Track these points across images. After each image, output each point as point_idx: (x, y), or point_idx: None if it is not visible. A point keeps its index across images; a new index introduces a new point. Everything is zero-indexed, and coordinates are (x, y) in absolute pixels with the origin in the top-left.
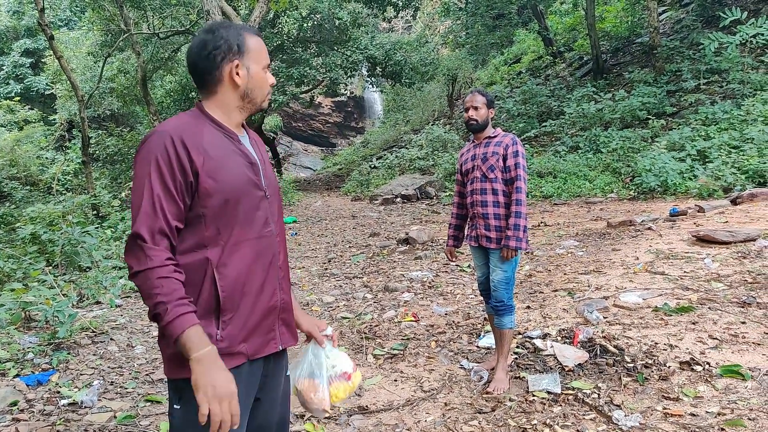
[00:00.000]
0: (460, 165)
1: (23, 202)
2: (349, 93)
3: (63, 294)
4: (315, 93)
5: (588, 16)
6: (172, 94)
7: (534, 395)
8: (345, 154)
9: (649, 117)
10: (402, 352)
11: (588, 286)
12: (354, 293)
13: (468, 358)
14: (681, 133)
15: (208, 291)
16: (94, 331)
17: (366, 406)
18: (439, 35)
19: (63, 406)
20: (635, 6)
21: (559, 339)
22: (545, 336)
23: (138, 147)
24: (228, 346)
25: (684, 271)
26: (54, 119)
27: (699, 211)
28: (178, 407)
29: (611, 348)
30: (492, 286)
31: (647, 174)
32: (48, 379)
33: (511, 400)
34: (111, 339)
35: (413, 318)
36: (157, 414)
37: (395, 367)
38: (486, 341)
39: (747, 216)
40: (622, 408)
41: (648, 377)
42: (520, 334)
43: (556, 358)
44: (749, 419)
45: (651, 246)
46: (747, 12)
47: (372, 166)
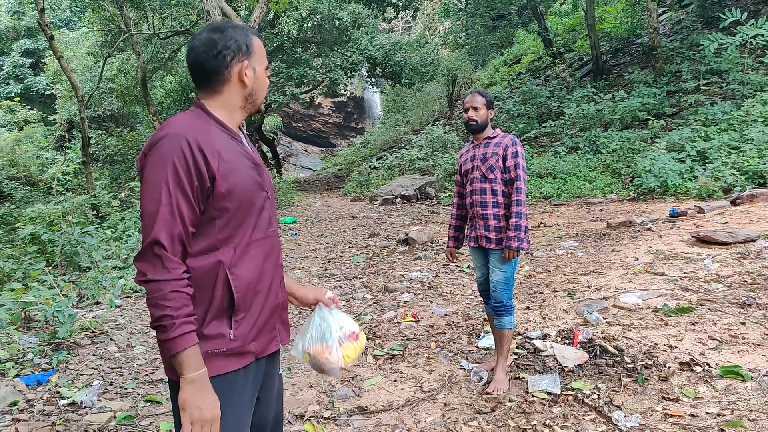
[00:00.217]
0: (459, 166)
1: (23, 202)
2: (349, 93)
3: (63, 294)
4: (315, 93)
5: (588, 16)
6: (172, 94)
7: (534, 396)
8: (345, 154)
9: (649, 118)
10: (402, 352)
11: (588, 286)
12: (354, 293)
13: (468, 358)
14: (681, 134)
15: (221, 292)
16: (93, 332)
17: (366, 406)
18: (439, 36)
19: (63, 406)
20: (635, 7)
21: (559, 340)
22: (545, 336)
23: (147, 149)
24: (240, 345)
25: (684, 272)
26: (54, 119)
27: (699, 212)
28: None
29: (611, 349)
30: (491, 286)
31: (647, 175)
32: (48, 379)
33: (511, 400)
34: (111, 339)
35: (413, 318)
36: (157, 414)
37: (395, 368)
38: (486, 342)
39: (747, 217)
40: (621, 409)
41: (648, 378)
42: (519, 334)
43: (555, 358)
44: (749, 420)
45: (651, 247)
46: (747, 13)
47: (372, 166)
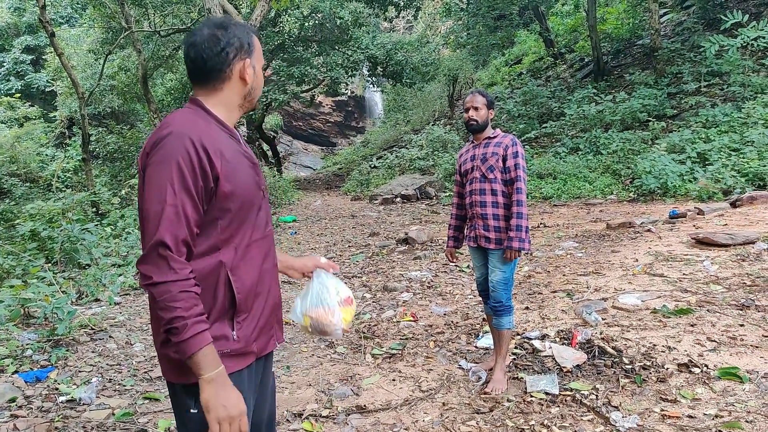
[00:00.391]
0: (459, 165)
1: (23, 198)
2: (350, 92)
3: (62, 291)
4: (316, 92)
5: (589, 17)
6: (172, 92)
7: (532, 396)
8: (345, 153)
9: (650, 119)
10: (400, 351)
11: (587, 287)
12: (353, 293)
13: (466, 358)
14: (681, 136)
15: (222, 293)
16: (92, 329)
17: (364, 405)
18: (440, 35)
19: (61, 402)
20: (636, 8)
21: (558, 340)
22: (544, 337)
23: (149, 148)
24: (243, 346)
25: (683, 274)
26: (54, 116)
27: (698, 214)
28: (195, 411)
29: (609, 349)
30: (491, 286)
31: (647, 176)
32: (46, 376)
33: (509, 400)
34: (110, 336)
35: (412, 318)
36: (155, 411)
37: (393, 367)
38: (484, 342)
39: (746, 219)
40: (619, 409)
41: (646, 379)
42: (518, 334)
43: (554, 359)
44: (747, 422)
45: (650, 248)
46: (748, 15)
47: (372, 165)
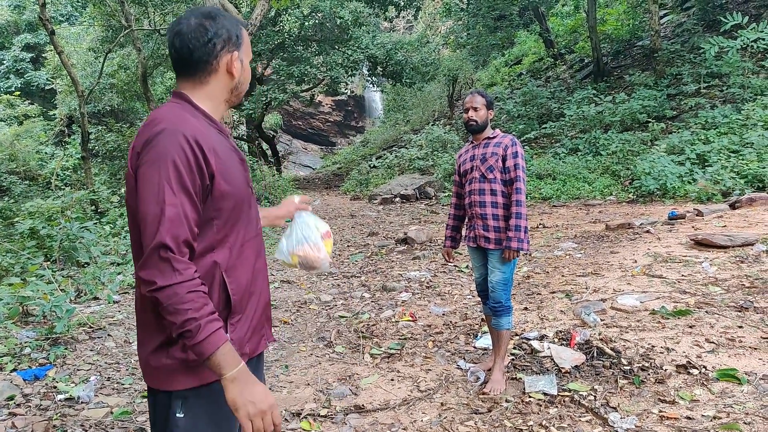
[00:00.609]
0: (458, 166)
1: (22, 196)
2: (350, 92)
3: (61, 289)
4: (315, 91)
5: (589, 18)
6: (172, 90)
7: (530, 396)
8: (344, 153)
9: (649, 120)
10: (399, 351)
11: (586, 288)
12: (352, 292)
13: (465, 358)
14: (681, 137)
15: (217, 295)
16: (91, 327)
17: (362, 405)
18: (440, 35)
19: (60, 401)
20: (636, 9)
21: (556, 341)
22: (542, 337)
23: (141, 147)
24: (237, 349)
25: (682, 275)
26: (54, 114)
27: (698, 215)
28: (181, 416)
29: (608, 350)
30: (490, 286)
31: (646, 177)
32: (45, 374)
33: (508, 401)
34: (108, 335)
35: (411, 318)
36: None
37: (392, 367)
38: (483, 342)
39: (745, 220)
40: (618, 410)
41: (644, 380)
42: (517, 335)
43: (552, 359)
44: (745, 423)
45: (649, 249)
46: (748, 16)
47: (371, 165)
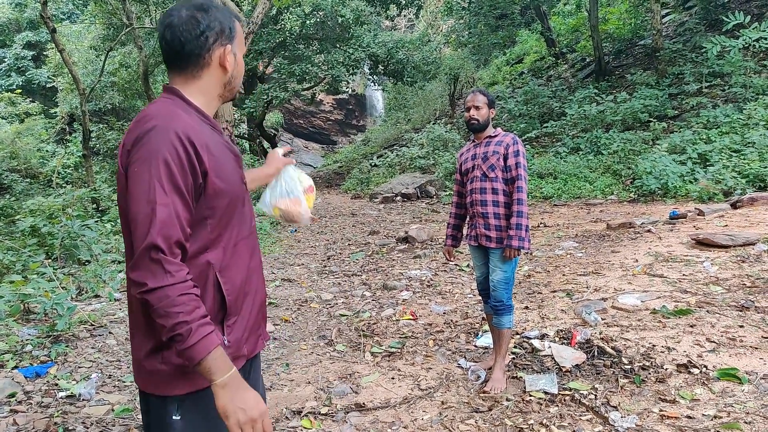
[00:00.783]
0: (459, 165)
1: (23, 194)
2: (351, 91)
3: (62, 287)
4: (316, 90)
5: (591, 17)
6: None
7: (531, 395)
8: (346, 151)
9: (651, 119)
10: (400, 350)
11: (586, 287)
12: (353, 291)
13: (466, 357)
14: (682, 136)
15: (212, 297)
16: (92, 325)
17: (363, 403)
18: (442, 34)
19: (61, 398)
20: (638, 8)
21: (557, 340)
22: (543, 336)
23: (130, 144)
24: (235, 351)
25: (683, 274)
26: (55, 112)
27: (699, 215)
28: (178, 418)
29: (609, 349)
30: (491, 285)
31: (648, 176)
32: (46, 372)
33: (508, 399)
34: (109, 332)
35: (411, 316)
36: None
37: (393, 365)
38: (484, 341)
39: (747, 220)
40: (618, 409)
41: (645, 379)
42: (518, 334)
43: (553, 358)
44: (745, 422)
45: (650, 248)
46: (750, 16)
47: (372, 164)
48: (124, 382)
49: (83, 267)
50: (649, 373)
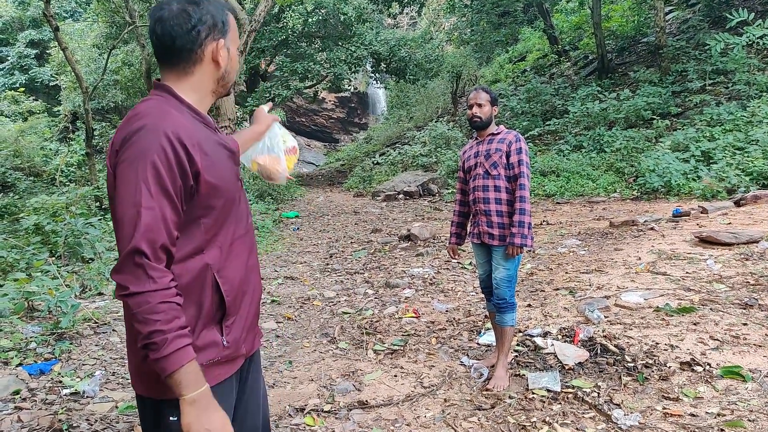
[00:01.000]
0: (462, 162)
1: (27, 192)
2: (353, 89)
3: (66, 285)
4: (319, 88)
5: (594, 14)
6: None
7: (534, 393)
8: (348, 149)
9: (654, 117)
10: (402, 347)
11: (589, 285)
12: (355, 289)
13: (468, 354)
14: (685, 134)
15: (210, 298)
16: (96, 322)
17: (366, 400)
18: (444, 32)
19: (65, 395)
20: (642, 5)
21: (560, 337)
22: (546, 334)
23: (119, 144)
24: (233, 351)
25: (686, 272)
26: (58, 110)
27: (702, 212)
28: (175, 419)
29: (612, 347)
30: (494, 283)
31: (651, 174)
32: (50, 369)
33: (511, 397)
34: (113, 330)
35: (414, 314)
36: None
37: (395, 363)
38: (486, 338)
39: (750, 218)
40: (621, 407)
41: (648, 377)
42: (520, 332)
43: (556, 356)
44: (749, 420)
45: (653, 246)
46: (754, 13)
47: (375, 162)
48: (127, 379)
49: (87, 265)
50: (653, 371)
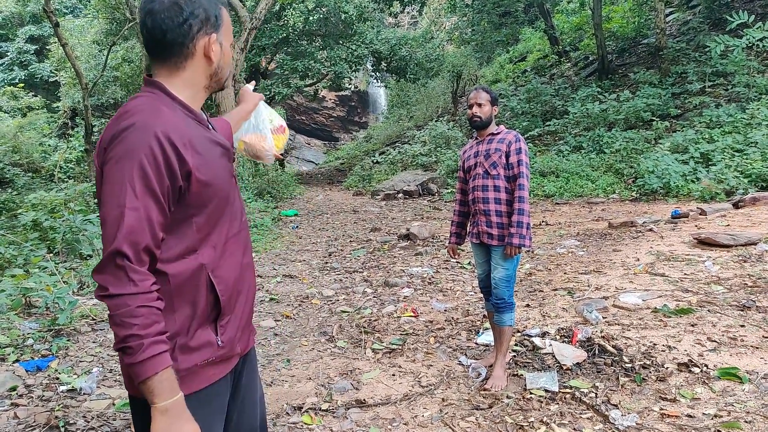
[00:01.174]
0: (462, 162)
1: (25, 188)
2: (353, 87)
3: (64, 281)
4: (319, 86)
5: (595, 15)
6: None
7: (531, 393)
8: (348, 148)
9: (654, 118)
10: (401, 347)
11: (588, 285)
12: (354, 287)
13: (466, 354)
14: (685, 136)
15: (205, 298)
16: (94, 319)
17: (364, 399)
18: (445, 31)
19: (62, 392)
20: (642, 7)
21: (558, 338)
22: (544, 334)
23: (107, 142)
24: (228, 350)
25: (684, 274)
26: (57, 107)
27: (701, 214)
28: None
29: (610, 348)
30: (493, 283)
31: (650, 175)
32: (47, 365)
33: (509, 397)
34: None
35: (412, 313)
36: None
37: (393, 362)
38: (485, 338)
39: (749, 220)
40: (619, 408)
41: (646, 378)
42: (519, 332)
43: (554, 356)
44: (746, 422)
45: (652, 247)
46: (754, 15)
47: (374, 161)
48: None
49: (85, 261)
50: (650, 372)
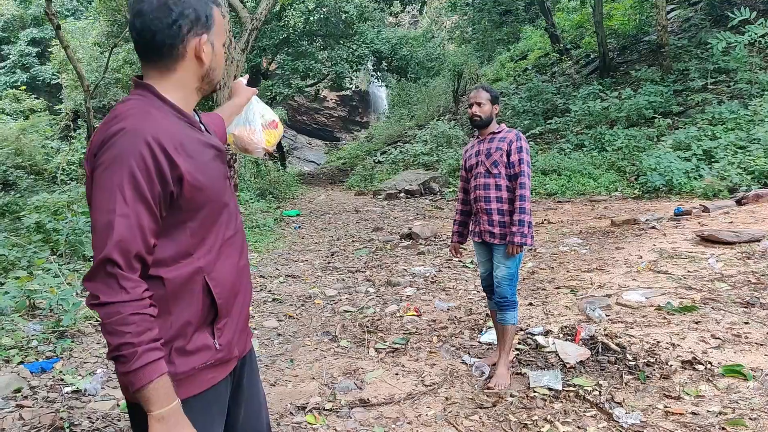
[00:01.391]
0: (464, 161)
1: (28, 191)
2: (354, 87)
3: (67, 283)
4: (320, 86)
5: (596, 13)
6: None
7: (535, 391)
8: (349, 148)
9: (656, 116)
10: (404, 346)
11: (591, 283)
12: (357, 287)
13: (469, 353)
14: (687, 133)
15: (201, 302)
16: (97, 320)
17: (367, 399)
18: (446, 30)
19: (66, 393)
20: (643, 4)
21: (561, 336)
22: (547, 333)
23: (97, 147)
24: (226, 353)
25: (688, 271)
26: (60, 109)
27: (704, 211)
28: None
29: (613, 346)
30: (495, 282)
31: (652, 173)
32: (52, 367)
33: (512, 395)
34: None
35: (415, 313)
36: None
37: (397, 361)
38: (488, 337)
39: (752, 216)
40: (623, 406)
41: (650, 375)
42: (522, 330)
43: (557, 354)
44: (750, 419)
45: (655, 245)
46: (756, 12)
47: (376, 160)
48: None
49: (88, 263)
50: (654, 370)
